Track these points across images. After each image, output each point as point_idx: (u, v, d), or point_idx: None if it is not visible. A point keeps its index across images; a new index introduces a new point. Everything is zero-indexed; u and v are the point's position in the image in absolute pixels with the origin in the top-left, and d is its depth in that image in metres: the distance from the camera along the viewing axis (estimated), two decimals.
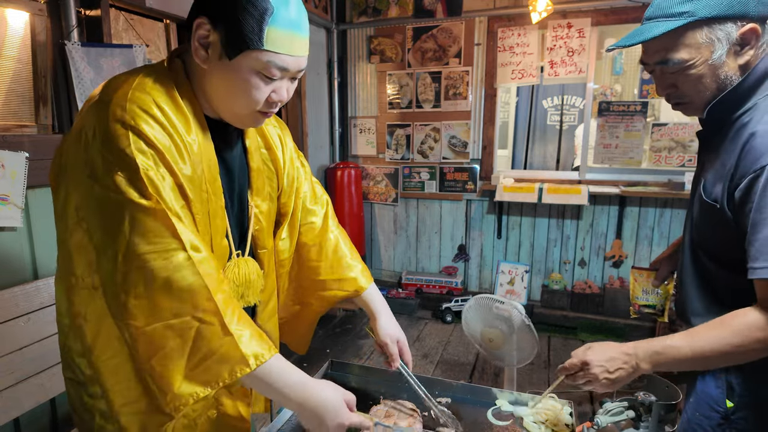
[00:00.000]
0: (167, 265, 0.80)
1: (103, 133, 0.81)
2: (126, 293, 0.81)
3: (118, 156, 0.80)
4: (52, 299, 1.83)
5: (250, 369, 0.82)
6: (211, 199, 0.94)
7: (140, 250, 0.80)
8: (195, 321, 0.81)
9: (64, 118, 2.08)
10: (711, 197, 1.03)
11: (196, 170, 0.90)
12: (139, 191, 0.80)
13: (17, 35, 1.96)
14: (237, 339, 0.82)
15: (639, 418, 1.22)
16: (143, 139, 0.81)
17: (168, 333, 0.81)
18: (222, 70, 0.87)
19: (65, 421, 2.12)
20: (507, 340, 1.89)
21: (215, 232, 0.96)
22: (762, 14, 0.97)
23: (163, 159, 0.83)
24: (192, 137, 0.90)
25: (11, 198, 1.78)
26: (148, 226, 0.80)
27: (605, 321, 3.71)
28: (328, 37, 4.32)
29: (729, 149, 1.02)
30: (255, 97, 0.89)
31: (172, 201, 0.83)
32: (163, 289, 0.80)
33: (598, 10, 3.57)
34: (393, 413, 1.22)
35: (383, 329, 1.23)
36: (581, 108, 5.10)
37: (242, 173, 1.07)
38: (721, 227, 1.03)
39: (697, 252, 1.13)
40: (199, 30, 0.85)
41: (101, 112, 0.83)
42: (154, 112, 0.84)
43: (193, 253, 0.82)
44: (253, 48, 0.84)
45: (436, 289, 4.24)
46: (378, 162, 4.47)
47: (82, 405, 0.99)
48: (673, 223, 3.66)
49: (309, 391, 0.89)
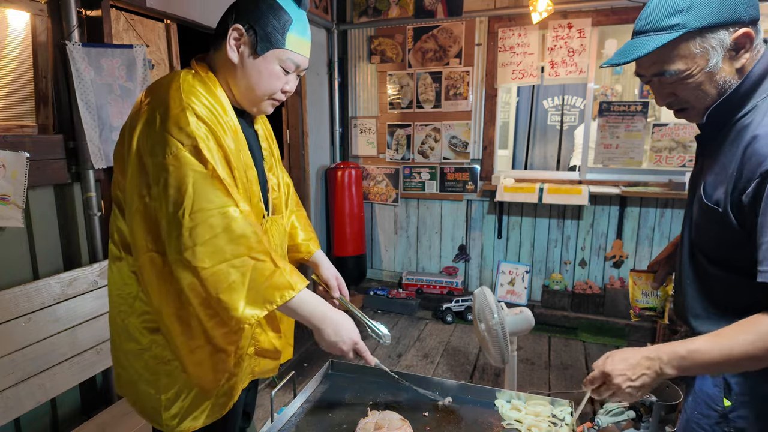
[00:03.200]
0: (225, 217, 1.02)
1: (168, 117, 1.02)
2: (194, 243, 1.00)
3: (181, 133, 1.01)
4: (52, 299, 1.83)
5: (296, 292, 1.05)
6: (248, 169, 1.17)
7: (204, 207, 1.01)
8: (251, 259, 1.03)
9: (65, 119, 2.09)
10: (712, 200, 1.02)
11: (237, 145, 1.13)
12: (200, 161, 1.01)
13: (18, 36, 1.97)
14: (284, 271, 1.06)
15: (639, 419, 1.22)
16: (198, 118, 1.03)
17: (231, 270, 1.02)
18: (252, 64, 1.13)
19: (66, 421, 2.12)
20: (485, 337, 1.92)
21: (252, 195, 1.19)
22: (753, 17, 0.96)
23: (214, 134, 1.05)
24: (229, 118, 1.13)
25: (12, 198, 1.78)
26: (208, 188, 1.01)
27: (606, 321, 3.71)
28: (329, 37, 4.32)
29: (729, 152, 1.01)
30: (274, 85, 1.16)
31: (223, 169, 1.05)
32: (224, 236, 1.02)
33: (598, 10, 3.57)
34: (383, 425, 1.22)
35: (326, 270, 1.51)
36: (582, 108, 5.10)
37: (258, 152, 1.30)
38: (722, 230, 1.02)
39: (696, 254, 1.12)
40: (233, 34, 1.10)
41: (162, 103, 1.04)
42: (201, 99, 1.06)
43: (243, 208, 1.05)
44: (278, 47, 1.12)
45: (437, 290, 4.24)
46: (378, 162, 4.47)
47: (147, 370, 1.17)
48: (674, 224, 3.65)
49: (332, 311, 1.14)
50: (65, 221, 2.11)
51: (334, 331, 1.11)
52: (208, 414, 1.21)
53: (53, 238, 2.07)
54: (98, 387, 2.25)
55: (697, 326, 1.12)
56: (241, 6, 1.12)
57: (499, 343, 1.81)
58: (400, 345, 3.53)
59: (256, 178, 1.21)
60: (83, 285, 1.94)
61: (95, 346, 1.96)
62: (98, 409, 2.06)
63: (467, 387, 1.45)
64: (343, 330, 1.12)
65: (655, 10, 0.98)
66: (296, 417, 1.35)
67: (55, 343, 1.81)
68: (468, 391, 1.44)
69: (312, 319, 1.12)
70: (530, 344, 3.52)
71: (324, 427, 1.30)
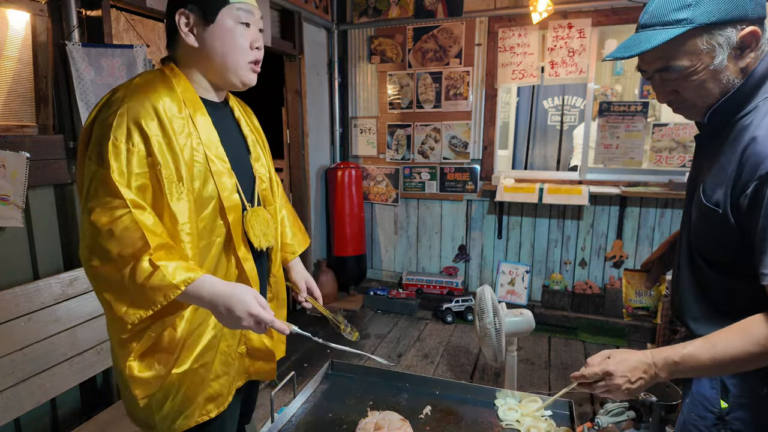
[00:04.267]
0: (111, 217, 0.99)
1: (100, 119, 1.05)
2: (84, 240, 1.01)
3: (102, 132, 1.03)
4: (53, 299, 1.83)
5: (180, 291, 0.98)
6: (214, 161, 1.14)
7: (90, 206, 1.01)
8: (131, 259, 0.98)
9: (65, 119, 2.09)
10: (711, 201, 1.01)
11: (188, 141, 1.10)
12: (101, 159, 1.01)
13: (18, 36, 1.97)
14: (164, 270, 0.98)
15: (640, 419, 1.22)
16: (129, 119, 1.02)
17: (113, 270, 0.99)
18: (210, 34, 1.13)
19: (66, 421, 2.12)
20: (480, 335, 1.92)
21: (223, 188, 1.15)
22: (760, 15, 0.95)
23: (145, 138, 1.03)
24: (184, 113, 1.11)
25: (12, 198, 1.78)
26: (100, 186, 1.00)
27: (606, 321, 3.71)
28: (329, 37, 4.32)
29: (729, 152, 1.00)
30: (241, 44, 1.15)
31: (128, 169, 1.02)
32: (108, 235, 0.98)
33: (598, 10, 3.57)
34: (383, 425, 1.22)
35: (296, 274, 1.55)
36: (582, 108, 5.10)
37: (240, 143, 1.30)
38: (721, 232, 1.01)
39: (695, 256, 1.11)
40: (181, 20, 1.12)
41: (104, 107, 1.06)
42: (147, 107, 1.04)
43: (134, 209, 1.00)
44: (223, 4, 1.12)
45: (437, 290, 4.24)
46: (378, 162, 4.47)
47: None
48: (674, 224, 3.65)
49: (225, 289, 1.03)
50: (65, 221, 2.11)
51: (226, 309, 1.02)
52: (201, 412, 1.20)
53: (53, 238, 2.07)
54: (98, 387, 2.25)
55: (695, 329, 1.11)
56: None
57: (492, 343, 1.82)
58: (400, 345, 3.53)
59: (229, 170, 1.18)
60: (83, 285, 1.94)
61: (95, 346, 1.96)
62: (98, 409, 2.06)
63: (467, 387, 1.45)
64: (236, 305, 1.02)
65: (662, 4, 0.97)
66: (296, 417, 1.35)
67: (55, 343, 1.81)
68: (468, 391, 1.44)
69: (202, 304, 1.05)
70: (530, 344, 3.52)
71: (324, 427, 1.30)
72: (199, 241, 1.12)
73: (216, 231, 1.16)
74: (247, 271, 1.22)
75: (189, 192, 1.08)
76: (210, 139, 1.15)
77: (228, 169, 1.18)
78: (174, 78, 1.13)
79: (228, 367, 1.23)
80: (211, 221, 1.15)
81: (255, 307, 1.02)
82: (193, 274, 1.01)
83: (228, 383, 1.25)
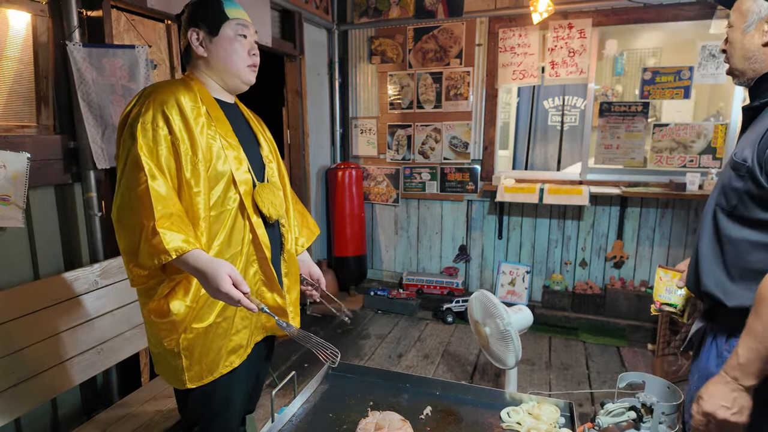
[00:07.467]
0: (132, 187, 1.20)
1: (133, 109, 1.29)
2: (115, 203, 1.25)
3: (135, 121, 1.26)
4: (53, 299, 1.83)
5: (171, 258, 1.15)
6: (227, 144, 1.36)
7: (121, 178, 1.24)
8: (141, 223, 1.17)
9: (66, 119, 2.09)
10: (740, 157, 1.12)
11: (204, 127, 1.32)
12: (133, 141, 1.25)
13: (19, 36, 1.97)
14: (162, 237, 1.15)
15: (640, 419, 1.22)
16: (155, 111, 1.26)
17: (126, 231, 1.22)
18: (216, 45, 1.39)
19: (66, 421, 2.12)
20: (490, 340, 1.91)
21: (236, 165, 1.36)
22: None
23: (167, 121, 1.26)
24: (201, 107, 1.34)
25: (12, 198, 1.78)
26: (129, 161, 1.23)
27: (606, 322, 3.71)
28: (329, 37, 4.32)
29: (765, 120, 1.10)
30: (241, 52, 1.41)
31: (154, 144, 1.24)
32: (127, 203, 1.21)
33: (599, 10, 3.57)
34: (383, 425, 1.22)
35: (303, 263, 1.71)
36: (582, 108, 5.10)
37: (250, 136, 1.52)
38: (746, 186, 1.09)
39: (717, 213, 1.18)
40: (193, 36, 1.39)
41: (137, 100, 1.32)
42: (169, 98, 1.29)
43: (150, 180, 1.19)
44: (224, 20, 1.39)
45: (437, 290, 4.24)
46: (379, 162, 4.47)
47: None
48: (675, 224, 3.65)
49: (202, 261, 1.19)
50: (66, 221, 2.11)
51: (204, 281, 1.19)
52: (225, 363, 1.39)
53: (54, 239, 2.07)
54: (98, 387, 2.25)
55: (715, 291, 1.16)
56: (183, 21, 1.41)
57: (514, 344, 1.81)
58: (400, 345, 3.53)
59: (240, 152, 1.40)
60: (84, 285, 1.94)
61: (95, 346, 1.95)
62: (98, 409, 2.06)
63: (468, 388, 1.45)
64: (210, 279, 1.17)
65: None
66: (296, 417, 1.35)
67: (56, 343, 1.81)
68: (468, 392, 1.44)
69: (190, 273, 1.22)
70: (530, 344, 3.52)
71: (324, 427, 1.30)
72: (211, 209, 1.31)
73: (229, 200, 1.35)
74: (260, 236, 1.40)
75: (204, 164, 1.29)
76: (223, 126, 1.38)
77: (240, 151, 1.39)
78: (191, 81, 1.40)
79: (247, 321, 1.43)
80: (224, 192, 1.34)
81: (225, 285, 1.16)
82: (186, 246, 1.17)
83: (247, 336, 1.44)
